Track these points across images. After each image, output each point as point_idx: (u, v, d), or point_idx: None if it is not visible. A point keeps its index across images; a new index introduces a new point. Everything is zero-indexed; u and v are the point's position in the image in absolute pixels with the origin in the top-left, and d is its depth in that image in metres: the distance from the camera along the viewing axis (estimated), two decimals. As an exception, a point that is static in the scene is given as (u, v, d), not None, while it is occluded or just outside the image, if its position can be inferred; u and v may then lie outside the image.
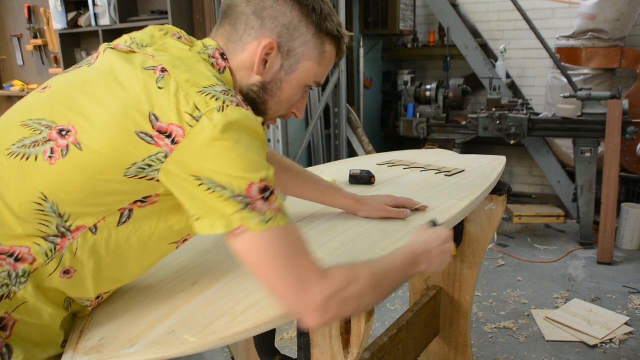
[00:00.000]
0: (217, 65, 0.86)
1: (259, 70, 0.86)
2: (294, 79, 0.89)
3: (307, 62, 0.88)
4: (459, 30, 4.23)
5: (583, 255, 3.37)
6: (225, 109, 0.73)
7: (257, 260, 0.74)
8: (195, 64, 0.80)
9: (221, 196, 0.72)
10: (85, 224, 0.76)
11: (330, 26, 0.88)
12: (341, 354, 1.00)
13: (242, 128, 0.74)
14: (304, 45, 0.87)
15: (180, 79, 0.75)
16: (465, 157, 1.85)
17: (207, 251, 1.07)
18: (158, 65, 0.77)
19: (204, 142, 0.71)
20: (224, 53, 0.87)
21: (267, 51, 0.85)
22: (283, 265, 0.74)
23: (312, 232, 1.12)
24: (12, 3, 4.12)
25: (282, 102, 0.91)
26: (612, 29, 3.72)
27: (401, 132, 4.39)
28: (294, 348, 2.31)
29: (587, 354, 2.27)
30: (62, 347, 0.82)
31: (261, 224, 0.73)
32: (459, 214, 1.23)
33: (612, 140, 3.31)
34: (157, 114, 0.73)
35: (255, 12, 0.85)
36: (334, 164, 1.84)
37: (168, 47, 0.83)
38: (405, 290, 2.86)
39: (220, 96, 0.74)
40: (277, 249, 0.74)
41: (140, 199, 0.78)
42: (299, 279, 0.74)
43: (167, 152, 0.73)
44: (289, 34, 0.86)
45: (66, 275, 0.78)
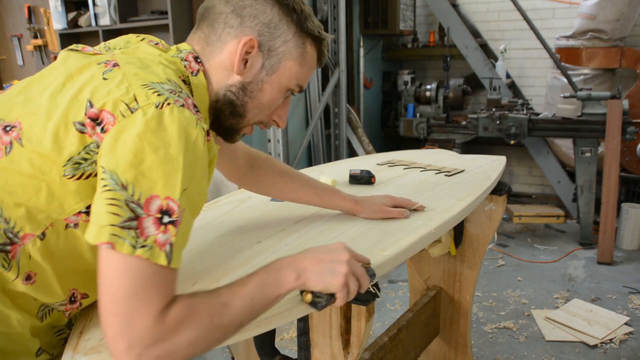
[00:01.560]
0: (189, 68, 0.83)
1: (239, 69, 0.84)
2: (275, 80, 0.86)
3: (289, 62, 0.86)
4: (459, 30, 4.23)
5: (583, 255, 3.37)
6: (164, 106, 0.68)
7: (106, 280, 0.65)
8: (153, 65, 0.76)
9: (113, 197, 0.64)
10: (33, 232, 0.73)
11: (311, 26, 0.86)
12: (341, 354, 1.00)
13: (177, 133, 0.68)
14: (285, 44, 0.85)
15: (128, 72, 0.73)
16: (465, 157, 1.85)
17: (207, 251, 1.07)
18: (112, 60, 0.75)
19: (130, 136, 0.66)
20: (197, 56, 0.85)
21: (247, 49, 0.83)
22: (124, 297, 0.64)
23: (312, 232, 1.12)
24: (12, 3, 4.12)
25: (262, 105, 0.88)
26: (612, 29, 3.72)
27: (401, 132, 4.39)
28: (294, 348, 2.31)
29: (587, 354, 2.27)
30: (36, 356, 0.80)
31: (131, 247, 0.64)
32: (459, 214, 1.22)
33: (612, 140, 3.31)
34: (93, 101, 0.70)
35: (234, 10, 0.83)
36: (334, 164, 1.84)
37: (137, 50, 0.81)
38: (405, 290, 2.86)
39: (164, 93, 0.70)
40: (128, 279, 0.64)
41: (84, 210, 0.73)
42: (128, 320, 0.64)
43: (97, 141, 0.69)
44: (270, 32, 0.84)
45: (29, 281, 0.75)
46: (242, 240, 1.09)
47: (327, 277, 0.76)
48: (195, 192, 0.70)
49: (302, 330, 1.06)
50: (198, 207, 0.74)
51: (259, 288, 0.74)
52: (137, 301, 0.64)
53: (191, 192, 0.69)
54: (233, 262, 0.99)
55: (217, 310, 0.70)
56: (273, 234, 1.11)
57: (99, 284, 0.66)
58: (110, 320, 0.65)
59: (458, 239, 1.72)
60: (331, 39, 0.94)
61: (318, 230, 1.13)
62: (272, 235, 1.11)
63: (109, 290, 0.65)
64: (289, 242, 1.06)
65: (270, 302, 0.75)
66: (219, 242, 1.11)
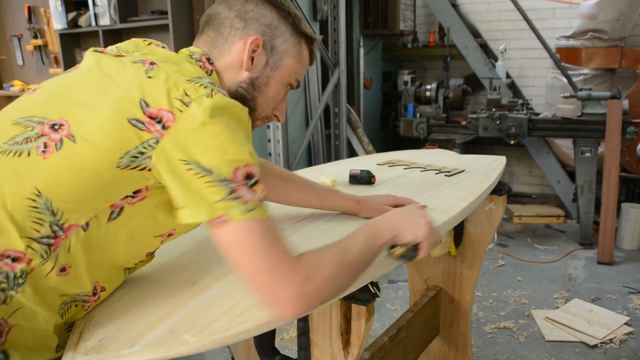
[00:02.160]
0: (204, 68, 0.91)
1: (247, 66, 0.93)
2: (278, 75, 0.96)
3: (289, 59, 0.96)
4: (459, 30, 4.23)
5: (583, 255, 3.37)
6: (213, 95, 0.77)
7: (236, 248, 0.76)
8: (182, 62, 0.86)
9: (207, 181, 0.73)
10: (78, 222, 0.76)
11: (305, 27, 0.97)
12: (341, 354, 1.00)
13: (230, 114, 0.78)
14: (285, 42, 0.95)
15: (169, 70, 0.80)
16: (465, 157, 1.85)
17: (207, 251, 1.07)
18: (147, 59, 0.82)
19: (193, 126, 0.74)
20: (209, 58, 0.93)
21: (253, 48, 0.92)
22: (260, 254, 0.75)
23: (312, 232, 1.12)
24: (12, 3, 4.12)
25: (269, 98, 0.97)
26: (612, 29, 3.72)
27: (401, 132, 4.39)
28: (294, 348, 2.31)
29: (587, 354, 2.27)
30: (56, 352, 0.82)
31: (243, 213, 0.74)
32: (459, 214, 1.23)
33: (612, 140, 3.31)
34: (147, 100, 0.76)
35: (238, 15, 0.93)
36: (334, 164, 1.84)
37: (154, 52, 0.89)
38: (405, 290, 2.86)
39: (208, 85, 0.79)
40: (255, 238, 0.75)
41: (131, 194, 0.78)
42: (276, 268, 0.75)
43: (157, 137, 0.75)
44: (271, 32, 0.94)
45: (63, 273, 0.77)
46: (242, 240, 1.09)
47: (415, 227, 0.94)
48: (255, 156, 0.80)
49: (302, 330, 1.06)
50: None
51: (367, 237, 0.89)
52: (271, 253, 0.75)
53: (255, 156, 0.79)
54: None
55: (340, 253, 0.83)
56: (273, 234, 1.11)
57: (230, 258, 0.77)
58: (258, 280, 0.75)
59: (458, 239, 1.72)
60: (321, 39, 1.03)
61: (318, 230, 1.13)
62: (272, 235, 1.11)
63: (243, 256, 0.76)
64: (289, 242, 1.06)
65: (377, 249, 0.90)
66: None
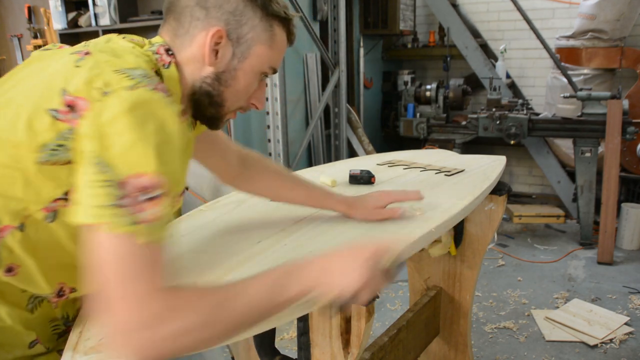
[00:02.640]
0: (160, 60, 0.83)
1: (210, 60, 0.84)
2: (247, 66, 0.87)
3: (259, 47, 0.86)
4: (459, 30, 4.23)
5: (583, 255, 3.37)
6: (136, 89, 0.70)
7: (100, 260, 0.66)
8: (125, 54, 0.77)
9: (101, 179, 0.65)
10: (11, 223, 0.74)
11: (277, 8, 0.86)
12: (341, 354, 1.00)
13: (150, 114, 0.69)
14: (253, 29, 0.85)
15: (99, 59, 0.74)
16: (465, 157, 1.85)
17: (206, 251, 1.07)
18: (84, 50, 0.77)
19: (105, 118, 0.67)
20: (169, 49, 0.85)
21: (216, 40, 0.83)
22: (121, 277, 0.64)
23: (312, 232, 1.12)
24: (12, 3, 4.12)
25: (239, 92, 0.89)
26: (612, 29, 3.72)
27: (401, 132, 4.39)
28: (294, 348, 2.31)
29: (587, 354, 2.27)
30: (29, 348, 0.81)
31: (120, 226, 0.65)
32: (459, 213, 1.22)
33: (612, 140, 3.31)
34: (67, 88, 0.71)
35: (198, 2, 0.83)
36: (334, 164, 1.84)
37: (111, 44, 0.82)
38: (405, 290, 2.86)
39: (136, 77, 0.71)
40: (123, 258, 0.65)
41: (62, 196, 0.74)
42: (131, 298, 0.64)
43: (72, 127, 0.70)
44: (236, 20, 0.84)
45: (10, 273, 0.75)
46: (242, 240, 1.09)
47: (345, 278, 0.76)
48: (170, 170, 0.70)
49: (302, 330, 1.06)
50: (173, 186, 0.72)
51: (273, 286, 0.73)
52: (134, 280, 0.64)
53: (167, 170, 0.69)
54: (233, 261, 0.99)
55: (224, 300, 0.69)
56: (273, 234, 1.11)
57: (92, 268, 0.66)
58: (109, 307, 0.65)
59: (458, 239, 1.72)
60: (298, 17, 0.92)
61: (318, 230, 1.13)
62: (272, 235, 1.11)
63: (104, 273, 0.65)
64: (288, 242, 1.06)
65: (282, 304, 0.73)
66: (219, 242, 1.11)
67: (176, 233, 1.16)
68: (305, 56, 3.74)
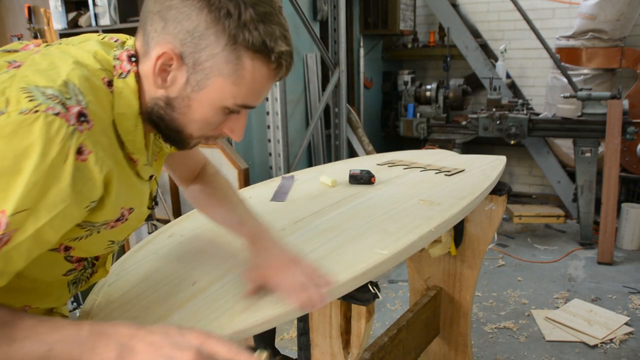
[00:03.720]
0: (119, 68, 0.74)
1: (156, 83, 0.73)
2: (203, 98, 0.73)
3: (218, 80, 0.71)
4: (459, 30, 4.23)
5: (583, 255, 3.37)
6: (30, 114, 0.61)
7: None
8: (64, 65, 0.69)
9: None
10: None
11: (250, 37, 0.69)
12: (341, 354, 1.00)
13: (31, 146, 0.61)
14: (212, 58, 0.70)
15: (20, 73, 0.67)
16: (465, 157, 1.85)
17: (206, 251, 1.07)
18: (19, 62, 0.70)
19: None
20: (133, 55, 0.75)
21: (164, 61, 0.71)
22: None
23: (312, 232, 1.12)
24: (12, 3, 4.12)
25: (196, 122, 0.76)
26: (612, 29, 3.72)
27: (401, 132, 4.39)
28: (294, 348, 2.31)
29: (587, 354, 2.26)
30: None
31: None
32: (459, 213, 1.22)
33: (612, 140, 3.31)
34: None
35: (160, 11, 0.71)
36: (334, 164, 1.84)
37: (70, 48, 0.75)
38: (405, 290, 2.86)
39: (39, 98, 0.63)
40: None
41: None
42: None
43: None
44: (194, 42, 0.70)
45: None
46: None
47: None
48: (46, 216, 0.63)
49: (302, 330, 1.06)
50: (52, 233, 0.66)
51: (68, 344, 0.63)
52: None
53: (39, 216, 0.63)
54: (232, 261, 0.99)
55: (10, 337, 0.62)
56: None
57: None
58: None
59: (458, 239, 1.72)
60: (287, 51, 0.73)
61: (318, 230, 1.13)
62: (272, 235, 1.11)
63: None
64: (288, 242, 1.06)
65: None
66: (218, 242, 1.11)
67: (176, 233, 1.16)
68: (305, 56, 3.74)
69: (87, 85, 0.68)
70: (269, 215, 1.25)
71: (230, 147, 2.93)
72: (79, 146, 0.65)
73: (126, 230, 0.84)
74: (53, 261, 0.78)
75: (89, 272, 0.88)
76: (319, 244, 1.05)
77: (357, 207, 1.28)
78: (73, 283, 0.86)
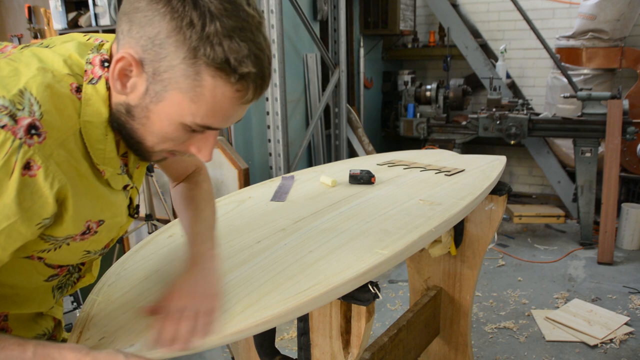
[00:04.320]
0: (90, 73, 0.71)
1: (114, 87, 0.69)
2: (161, 111, 0.68)
3: (176, 94, 0.66)
4: (459, 30, 4.23)
5: (583, 255, 3.37)
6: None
7: None
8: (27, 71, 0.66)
9: None
10: None
11: (212, 52, 0.63)
12: (341, 354, 1.00)
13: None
14: (171, 69, 0.65)
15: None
16: (465, 157, 1.85)
17: (207, 251, 1.07)
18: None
19: None
20: (107, 60, 0.72)
21: (123, 65, 0.67)
22: None
23: (312, 232, 1.12)
24: (12, 3, 4.12)
25: (155, 134, 0.71)
26: (612, 29, 3.72)
27: (401, 132, 4.39)
28: (294, 348, 2.31)
29: (587, 354, 2.26)
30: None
31: None
32: (459, 213, 1.22)
33: (612, 140, 3.31)
34: None
35: (128, 13, 0.67)
36: (334, 164, 1.84)
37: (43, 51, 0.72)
38: (405, 290, 2.86)
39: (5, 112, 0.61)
40: None
41: None
42: None
43: None
44: (154, 50, 0.65)
45: None
46: (242, 240, 1.09)
47: None
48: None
49: (302, 330, 1.06)
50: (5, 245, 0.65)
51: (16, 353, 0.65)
52: None
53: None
54: (233, 261, 0.99)
55: None
56: (273, 234, 1.11)
57: None
58: None
59: (458, 239, 1.72)
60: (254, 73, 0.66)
61: (318, 230, 1.13)
62: (272, 235, 1.11)
63: None
64: (288, 242, 1.06)
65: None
66: (219, 242, 1.11)
67: (176, 233, 1.16)
68: (305, 56, 3.74)
69: (47, 94, 0.65)
70: (269, 215, 1.25)
71: (230, 147, 2.93)
72: (26, 161, 0.62)
73: (102, 241, 0.81)
74: (31, 268, 0.76)
75: (75, 277, 0.87)
76: (319, 244, 1.05)
77: (357, 207, 1.28)
78: (58, 288, 0.85)
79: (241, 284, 0.90)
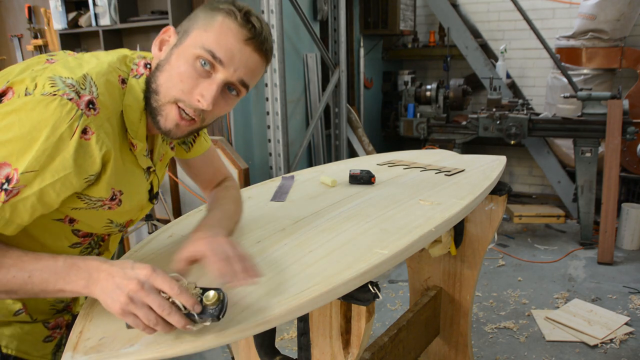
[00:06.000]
0: (135, 71, 0.92)
1: (155, 52, 0.92)
2: (181, 50, 0.89)
3: (195, 32, 0.89)
4: (459, 30, 4.23)
5: (583, 255, 3.37)
6: (49, 96, 0.76)
7: None
8: (88, 64, 0.86)
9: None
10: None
11: (225, 6, 0.90)
12: (341, 354, 1.00)
13: (45, 121, 0.75)
14: (196, 22, 0.90)
15: (52, 67, 0.82)
16: (465, 157, 1.85)
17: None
18: (58, 59, 0.86)
19: (8, 109, 0.75)
20: (148, 63, 0.94)
21: (164, 37, 0.92)
22: None
23: (312, 231, 1.12)
24: (12, 3, 4.12)
25: (171, 76, 0.88)
26: (612, 29, 3.72)
27: (401, 132, 4.39)
28: (294, 348, 2.31)
29: (587, 354, 2.27)
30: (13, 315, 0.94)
31: None
32: (459, 213, 1.23)
33: (612, 140, 3.31)
34: (11, 79, 0.79)
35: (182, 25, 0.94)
36: (334, 164, 1.84)
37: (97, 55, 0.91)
38: (405, 290, 2.86)
39: (59, 85, 0.78)
40: None
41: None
42: None
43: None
44: (188, 22, 0.92)
45: None
46: (242, 240, 1.09)
47: (107, 299, 0.74)
48: (50, 178, 0.77)
49: (302, 330, 1.06)
50: (54, 195, 0.79)
51: (45, 272, 0.77)
52: None
53: (45, 177, 0.77)
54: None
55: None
56: (273, 234, 1.11)
57: None
58: None
59: (458, 239, 1.72)
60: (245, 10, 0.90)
61: (318, 229, 1.13)
62: (272, 235, 1.11)
63: None
64: (288, 242, 1.06)
65: (49, 292, 0.78)
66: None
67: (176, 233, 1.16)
68: (305, 56, 3.74)
69: (102, 81, 0.85)
70: (269, 215, 1.25)
71: (230, 147, 2.93)
72: (84, 127, 0.79)
73: (124, 215, 0.97)
74: (60, 231, 0.91)
75: (95, 253, 1.00)
76: (319, 244, 1.05)
77: (357, 207, 1.28)
78: None
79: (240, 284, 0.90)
